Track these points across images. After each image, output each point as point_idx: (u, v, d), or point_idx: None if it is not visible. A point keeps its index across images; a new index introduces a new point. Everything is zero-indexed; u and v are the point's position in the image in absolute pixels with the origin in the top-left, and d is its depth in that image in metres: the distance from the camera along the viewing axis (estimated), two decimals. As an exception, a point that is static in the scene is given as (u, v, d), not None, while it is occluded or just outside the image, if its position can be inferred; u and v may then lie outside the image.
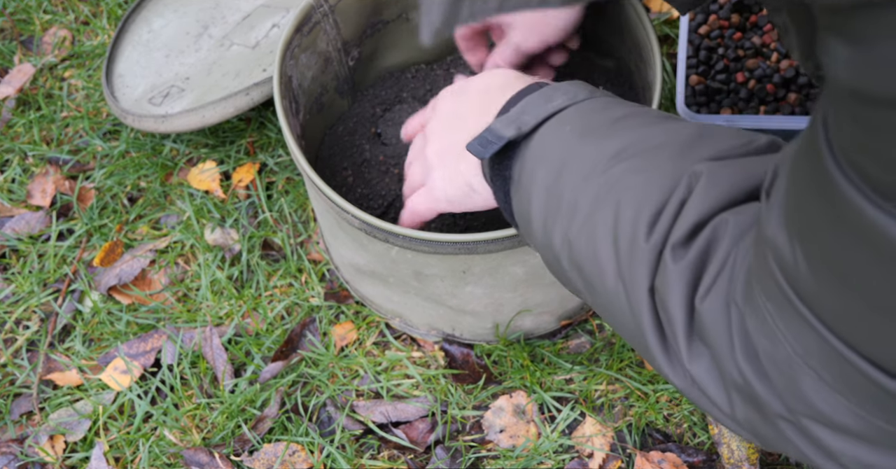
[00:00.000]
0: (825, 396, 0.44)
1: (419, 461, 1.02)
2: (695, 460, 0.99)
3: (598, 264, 0.59)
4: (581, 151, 0.62)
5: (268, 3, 1.29)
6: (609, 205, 0.58)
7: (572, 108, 0.66)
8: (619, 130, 0.62)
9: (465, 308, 0.97)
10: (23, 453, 1.06)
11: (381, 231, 0.82)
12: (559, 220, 0.62)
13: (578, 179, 0.61)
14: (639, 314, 0.56)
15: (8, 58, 1.45)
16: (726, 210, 0.53)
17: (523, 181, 0.66)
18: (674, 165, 0.57)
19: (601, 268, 0.59)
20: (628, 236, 0.56)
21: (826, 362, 0.43)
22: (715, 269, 0.51)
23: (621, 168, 0.59)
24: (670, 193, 0.55)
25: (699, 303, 0.51)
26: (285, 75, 0.94)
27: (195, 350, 1.11)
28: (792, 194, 0.43)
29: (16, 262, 1.23)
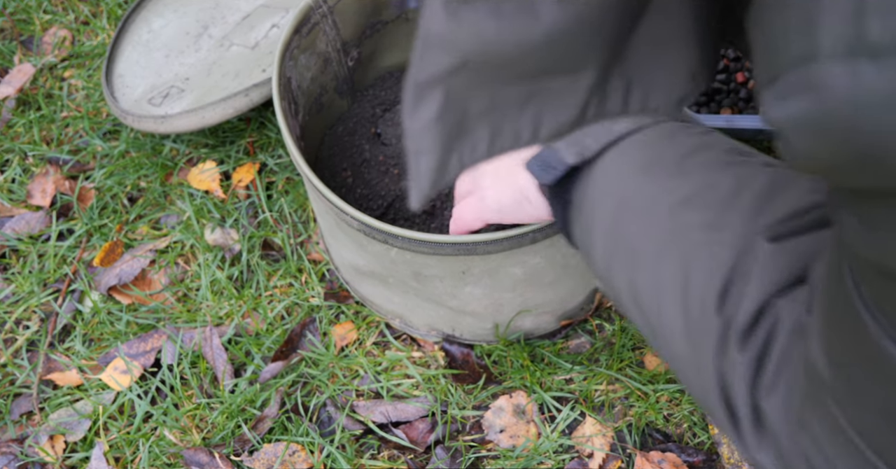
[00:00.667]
0: None
1: (419, 461, 1.02)
2: (695, 460, 0.99)
3: (665, 318, 0.57)
4: (646, 189, 0.59)
5: (267, 3, 1.29)
6: (677, 260, 0.56)
7: (637, 135, 0.62)
8: (686, 170, 0.58)
9: (464, 309, 0.97)
10: (23, 453, 1.06)
11: (379, 232, 0.82)
12: (623, 261, 0.59)
13: (643, 221, 0.58)
14: (707, 382, 0.54)
15: (8, 58, 1.45)
16: (784, 293, 0.51)
17: (584, 210, 0.63)
18: (744, 228, 0.54)
19: (668, 323, 0.57)
20: (699, 303, 0.54)
21: None
22: (774, 366, 0.50)
23: (689, 219, 0.56)
24: (739, 264, 0.53)
25: (763, 400, 0.50)
26: (284, 76, 0.94)
27: (195, 350, 1.11)
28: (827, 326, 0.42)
29: (16, 262, 1.23)
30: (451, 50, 0.34)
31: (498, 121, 0.37)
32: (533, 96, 0.37)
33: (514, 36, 0.33)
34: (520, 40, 0.33)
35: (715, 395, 0.53)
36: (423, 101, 0.36)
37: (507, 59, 0.34)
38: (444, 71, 0.34)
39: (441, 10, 0.33)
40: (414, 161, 0.38)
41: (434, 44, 0.34)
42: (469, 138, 0.37)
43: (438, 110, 0.36)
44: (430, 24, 0.33)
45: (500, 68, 0.35)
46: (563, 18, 0.32)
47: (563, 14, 0.32)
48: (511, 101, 0.37)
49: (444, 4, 0.32)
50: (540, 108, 0.37)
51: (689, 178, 0.58)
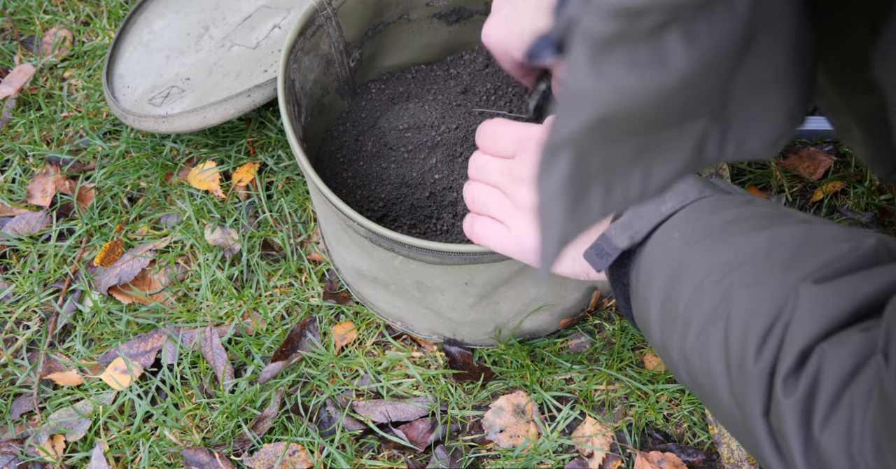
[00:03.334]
0: None
1: (419, 461, 1.02)
2: (694, 460, 1.00)
3: (713, 380, 0.58)
4: (691, 262, 0.60)
5: (269, 3, 1.29)
6: (720, 320, 0.57)
7: (682, 212, 0.65)
8: (727, 238, 0.60)
9: (464, 320, 0.97)
10: (23, 453, 1.06)
11: (386, 240, 0.82)
12: (675, 334, 0.61)
13: (690, 292, 0.59)
14: (755, 435, 0.55)
15: (8, 58, 1.45)
16: (830, 335, 0.51)
17: (640, 291, 0.65)
18: (781, 280, 0.55)
19: (715, 385, 0.58)
20: (738, 357, 0.55)
21: None
22: (825, 406, 0.50)
23: (729, 281, 0.57)
24: (778, 314, 0.54)
25: (819, 434, 0.50)
26: (289, 79, 0.94)
27: (195, 350, 1.11)
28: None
29: (16, 262, 1.23)
30: (591, 105, 0.33)
31: (610, 178, 0.37)
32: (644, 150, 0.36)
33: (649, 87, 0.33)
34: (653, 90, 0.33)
35: (765, 441, 0.54)
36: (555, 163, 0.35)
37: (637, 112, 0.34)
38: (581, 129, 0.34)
39: (586, 61, 0.32)
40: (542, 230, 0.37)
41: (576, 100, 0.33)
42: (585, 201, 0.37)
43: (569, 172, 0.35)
44: (573, 78, 0.33)
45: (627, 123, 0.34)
46: (691, 63, 0.33)
47: (690, 58, 0.32)
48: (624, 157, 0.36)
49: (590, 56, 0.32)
50: (650, 161, 0.37)
51: (729, 245, 0.59)
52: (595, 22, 0.32)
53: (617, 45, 0.32)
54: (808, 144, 1.20)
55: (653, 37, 0.32)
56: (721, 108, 0.37)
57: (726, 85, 0.36)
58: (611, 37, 0.32)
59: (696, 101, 0.35)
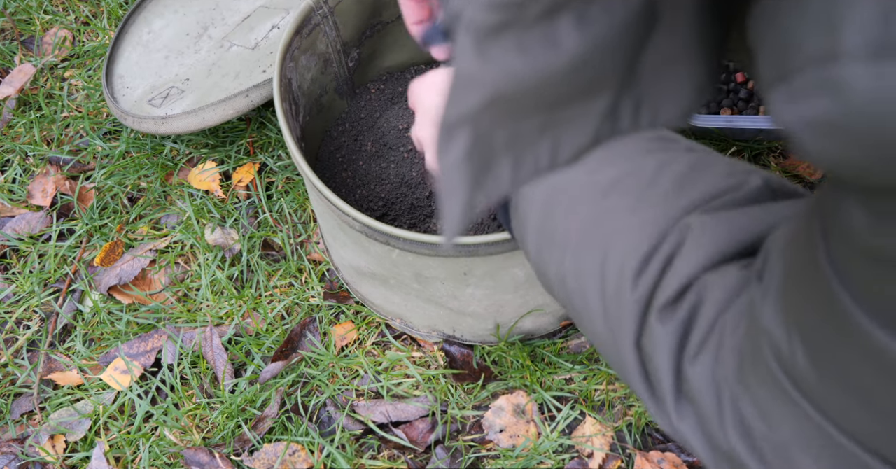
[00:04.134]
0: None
1: (419, 461, 1.02)
2: (694, 460, 0.99)
3: (587, 304, 0.58)
4: (571, 183, 0.60)
5: (267, 4, 1.29)
6: (597, 244, 0.57)
7: None
8: (613, 160, 0.60)
9: (465, 310, 0.97)
10: (23, 453, 1.06)
11: (381, 234, 0.82)
12: (553, 252, 0.61)
13: (570, 209, 0.59)
14: (627, 363, 0.55)
15: (9, 58, 1.45)
16: (714, 268, 0.52)
17: (520, 207, 0.65)
18: (664, 208, 0.56)
19: (590, 309, 0.58)
20: (614, 282, 0.55)
21: (824, 450, 0.42)
22: (700, 335, 0.51)
23: (611, 204, 0.57)
24: (657, 243, 0.54)
25: (688, 366, 0.51)
26: (285, 78, 0.94)
27: (195, 350, 1.11)
28: (789, 291, 0.42)
29: (16, 262, 1.23)
30: (481, 88, 0.35)
31: (519, 151, 0.38)
32: (550, 124, 0.38)
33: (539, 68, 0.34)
34: (544, 72, 0.34)
35: (635, 369, 0.55)
36: (452, 141, 0.37)
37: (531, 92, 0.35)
38: (474, 109, 0.35)
39: (471, 49, 0.34)
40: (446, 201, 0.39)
41: (465, 83, 0.35)
42: (493, 173, 0.38)
43: (468, 148, 0.37)
44: (462, 64, 0.34)
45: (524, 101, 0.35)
46: (584, 45, 0.33)
47: (583, 41, 0.33)
48: (531, 132, 0.38)
49: (474, 44, 0.33)
50: (557, 135, 0.38)
51: (612, 167, 0.59)
52: (477, 14, 0.33)
53: (503, 32, 0.33)
54: (809, 143, 1.20)
55: (542, 23, 0.33)
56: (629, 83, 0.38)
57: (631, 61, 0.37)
58: (495, 26, 0.33)
59: (596, 78, 0.36)
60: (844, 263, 0.36)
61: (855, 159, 0.28)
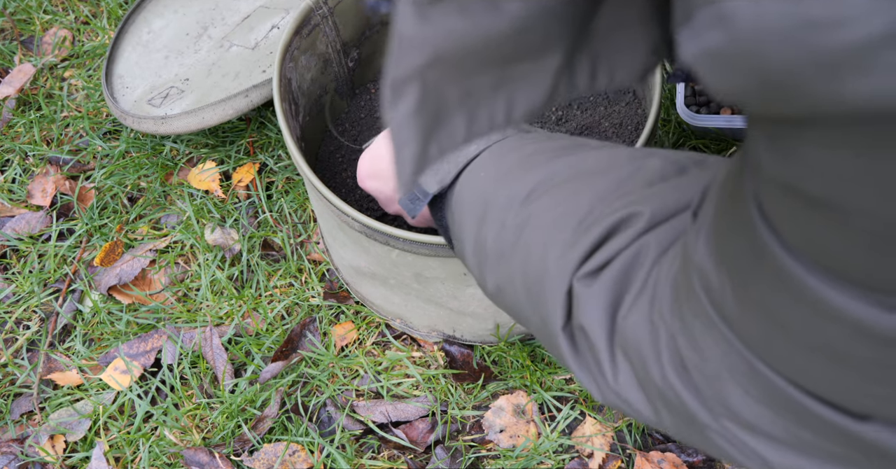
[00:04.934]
0: (752, 409, 0.45)
1: (419, 461, 1.02)
2: (695, 460, 0.99)
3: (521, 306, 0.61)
4: (496, 198, 0.63)
5: (267, 4, 1.29)
6: (520, 248, 0.59)
7: (486, 152, 0.67)
8: (527, 169, 0.63)
9: (465, 310, 0.97)
10: (23, 453, 1.06)
11: (381, 234, 0.82)
12: (488, 267, 0.64)
13: (498, 227, 0.62)
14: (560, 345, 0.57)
15: (8, 58, 1.45)
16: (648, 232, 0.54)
17: (455, 231, 0.68)
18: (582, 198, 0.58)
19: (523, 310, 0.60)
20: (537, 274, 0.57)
21: (751, 379, 0.44)
22: (637, 287, 0.52)
23: (528, 210, 0.60)
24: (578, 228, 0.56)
25: (622, 320, 0.52)
26: (285, 78, 0.94)
27: (195, 350, 1.11)
28: (718, 224, 0.43)
29: (16, 262, 1.23)
30: (422, 48, 0.36)
31: (473, 107, 0.40)
32: (504, 81, 0.39)
33: (481, 30, 0.35)
34: (487, 34, 0.35)
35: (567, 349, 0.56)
36: (401, 96, 0.38)
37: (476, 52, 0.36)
38: (418, 67, 0.37)
39: (411, 13, 0.35)
40: (397, 153, 0.40)
41: (407, 45, 0.36)
42: (447, 126, 0.40)
43: (417, 103, 0.38)
44: (402, 27, 0.36)
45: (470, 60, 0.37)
46: (526, 10, 0.35)
47: (525, 6, 0.35)
48: (484, 88, 0.39)
49: (413, 8, 0.35)
50: (512, 92, 0.40)
51: (528, 176, 0.62)
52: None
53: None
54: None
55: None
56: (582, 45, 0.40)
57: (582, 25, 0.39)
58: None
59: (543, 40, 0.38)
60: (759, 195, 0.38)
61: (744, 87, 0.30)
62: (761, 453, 0.47)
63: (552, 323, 0.57)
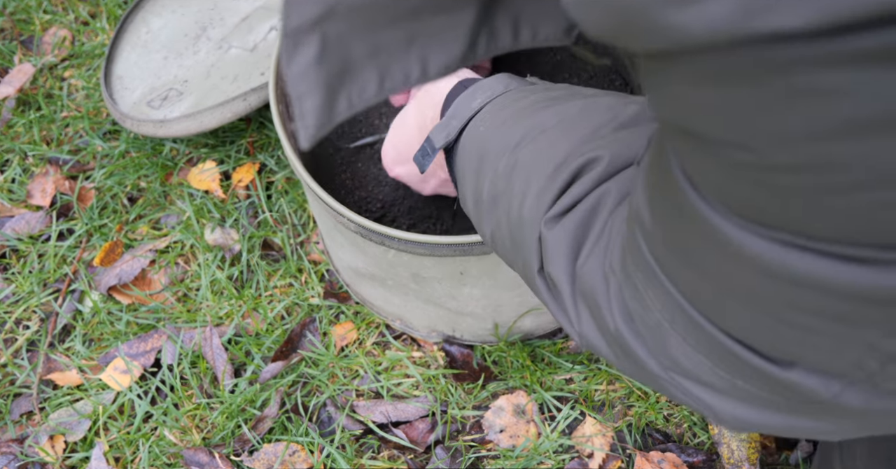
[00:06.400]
0: (691, 357, 0.46)
1: (419, 461, 1.02)
2: (695, 460, 0.99)
3: (508, 253, 0.62)
4: (490, 148, 0.64)
5: (266, 4, 1.28)
6: (507, 195, 0.61)
7: (488, 105, 0.68)
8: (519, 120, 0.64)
9: (464, 310, 0.97)
10: (23, 453, 1.06)
11: (376, 234, 0.82)
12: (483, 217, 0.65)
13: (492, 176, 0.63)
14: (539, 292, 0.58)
15: (8, 58, 1.45)
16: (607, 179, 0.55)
17: (458, 185, 0.69)
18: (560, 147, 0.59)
19: (511, 256, 0.62)
20: (517, 221, 0.59)
21: (686, 327, 0.44)
22: (595, 236, 0.53)
23: (515, 157, 0.61)
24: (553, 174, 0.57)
25: (580, 268, 0.53)
26: (281, 80, 0.94)
27: (195, 350, 1.11)
28: (650, 170, 0.44)
29: (16, 262, 1.23)
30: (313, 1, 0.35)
31: (385, 62, 0.39)
32: (416, 37, 0.39)
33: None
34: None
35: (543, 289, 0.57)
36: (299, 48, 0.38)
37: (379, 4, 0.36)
38: (314, 19, 0.36)
39: None
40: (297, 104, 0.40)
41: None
42: (356, 80, 0.39)
43: (317, 54, 0.37)
44: None
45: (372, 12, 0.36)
46: None
47: None
48: (395, 43, 0.39)
49: None
50: (425, 48, 0.39)
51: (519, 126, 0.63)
52: None
53: None
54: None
55: None
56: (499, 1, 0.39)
57: None
58: None
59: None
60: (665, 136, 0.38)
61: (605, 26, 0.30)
62: (706, 401, 0.47)
63: (530, 266, 0.58)
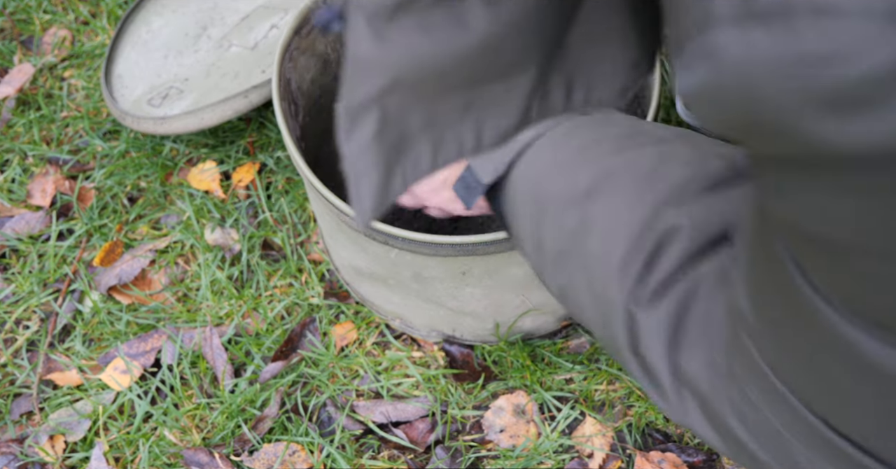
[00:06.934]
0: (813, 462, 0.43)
1: (419, 461, 1.02)
2: (695, 460, 0.99)
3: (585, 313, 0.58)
4: (551, 194, 0.60)
5: (266, 3, 1.28)
6: (580, 253, 0.57)
7: (541, 140, 0.63)
8: (584, 165, 0.60)
9: (464, 309, 0.97)
10: (23, 453, 1.06)
11: (380, 233, 0.82)
12: (547, 269, 0.61)
13: (556, 228, 0.59)
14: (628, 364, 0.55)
15: (8, 58, 1.45)
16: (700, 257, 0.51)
17: (513, 225, 0.65)
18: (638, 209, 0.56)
19: (590, 321, 0.58)
20: (600, 288, 0.55)
21: (806, 435, 0.42)
22: (696, 322, 0.50)
23: (585, 211, 0.57)
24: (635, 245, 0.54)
25: (685, 362, 0.50)
26: (284, 78, 0.94)
27: (195, 350, 1.11)
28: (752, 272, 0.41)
29: (16, 262, 1.23)
30: (381, 71, 0.33)
31: (438, 133, 0.37)
32: (472, 105, 0.36)
33: (446, 49, 0.33)
34: (453, 52, 0.33)
35: (637, 370, 0.54)
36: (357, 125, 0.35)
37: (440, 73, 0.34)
38: (377, 92, 0.34)
39: (367, 32, 0.32)
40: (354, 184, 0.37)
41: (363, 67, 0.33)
42: (411, 154, 0.37)
43: (375, 131, 0.35)
44: (357, 48, 0.33)
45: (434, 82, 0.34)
46: (495, 25, 0.32)
47: (494, 21, 0.32)
48: (450, 113, 0.36)
49: (368, 26, 0.32)
50: (480, 116, 0.37)
51: (583, 173, 0.59)
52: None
53: (402, 13, 0.32)
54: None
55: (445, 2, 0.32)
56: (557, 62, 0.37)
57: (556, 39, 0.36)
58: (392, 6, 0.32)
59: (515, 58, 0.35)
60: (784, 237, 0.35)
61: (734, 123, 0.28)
62: None
63: (619, 339, 0.54)
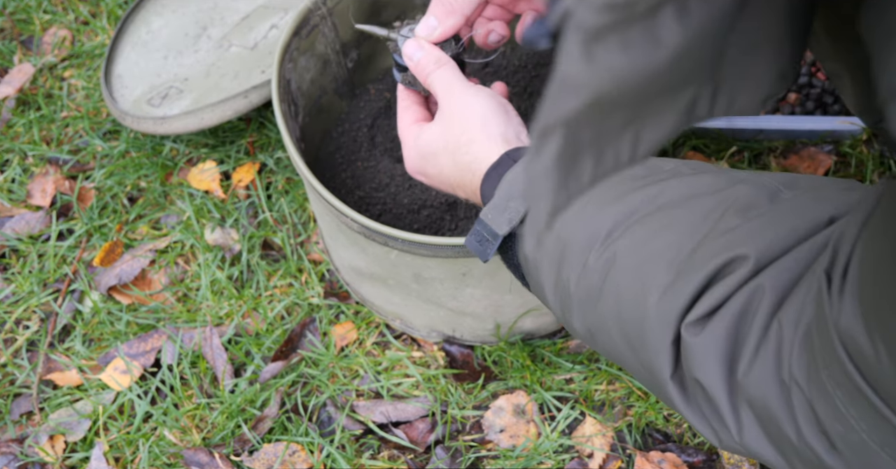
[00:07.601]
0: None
1: (419, 461, 1.02)
2: (695, 460, 0.99)
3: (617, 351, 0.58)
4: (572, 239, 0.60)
5: (266, 3, 1.29)
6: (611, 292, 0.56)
7: None
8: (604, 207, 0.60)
9: (465, 310, 0.97)
10: (23, 453, 1.06)
11: (380, 235, 0.82)
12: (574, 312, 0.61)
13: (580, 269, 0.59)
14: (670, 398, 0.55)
15: (8, 58, 1.45)
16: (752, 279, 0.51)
17: (531, 274, 0.65)
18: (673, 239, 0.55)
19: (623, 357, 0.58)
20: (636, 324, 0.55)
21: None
22: (755, 339, 0.49)
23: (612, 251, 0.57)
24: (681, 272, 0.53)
25: (744, 377, 0.49)
26: (283, 79, 0.94)
27: (195, 350, 1.11)
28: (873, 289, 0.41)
29: (16, 262, 1.23)
30: (583, 92, 0.34)
31: (601, 149, 0.37)
32: (635, 118, 0.37)
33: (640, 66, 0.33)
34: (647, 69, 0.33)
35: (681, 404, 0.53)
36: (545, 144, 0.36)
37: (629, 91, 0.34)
38: (573, 113, 0.34)
39: (578, 52, 0.33)
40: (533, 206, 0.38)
41: (568, 87, 0.34)
42: (576, 171, 0.37)
43: (559, 150, 0.36)
44: (567, 67, 0.33)
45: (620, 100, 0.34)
46: (684, 38, 0.33)
47: (684, 33, 0.33)
48: (615, 127, 0.37)
49: (581, 47, 0.32)
50: (639, 129, 0.37)
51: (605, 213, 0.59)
52: (588, 15, 0.32)
53: (609, 32, 0.32)
54: (808, 144, 1.20)
55: (644, 19, 0.32)
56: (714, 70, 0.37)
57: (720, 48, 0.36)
58: (605, 26, 0.32)
59: (690, 70, 0.36)
60: None
61: None
62: None
63: (659, 371, 0.54)
